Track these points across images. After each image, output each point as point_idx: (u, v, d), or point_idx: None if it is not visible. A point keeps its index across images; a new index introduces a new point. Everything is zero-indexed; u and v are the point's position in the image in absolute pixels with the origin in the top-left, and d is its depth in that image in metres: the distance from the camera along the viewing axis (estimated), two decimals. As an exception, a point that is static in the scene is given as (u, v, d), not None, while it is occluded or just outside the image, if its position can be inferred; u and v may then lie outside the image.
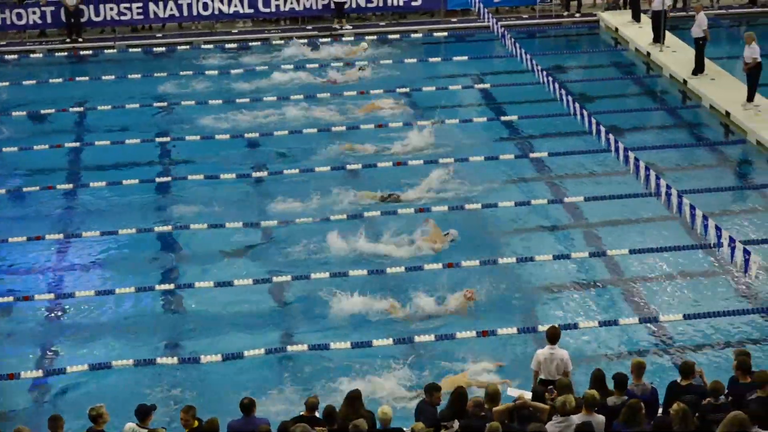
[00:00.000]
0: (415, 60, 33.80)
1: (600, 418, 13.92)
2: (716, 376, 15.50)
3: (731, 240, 18.15)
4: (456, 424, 14.14)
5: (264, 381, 18.32)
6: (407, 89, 31.22)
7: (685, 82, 30.99)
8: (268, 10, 36.96)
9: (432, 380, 16.55)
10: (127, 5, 36.24)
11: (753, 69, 28.18)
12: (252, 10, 36.91)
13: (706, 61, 31.36)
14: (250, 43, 35.76)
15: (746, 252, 17.70)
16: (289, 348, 19.32)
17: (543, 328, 19.46)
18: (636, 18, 35.77)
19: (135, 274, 22.04)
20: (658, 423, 13.60)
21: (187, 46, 35.76)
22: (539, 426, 13.57)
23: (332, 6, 37.00)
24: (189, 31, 37.00)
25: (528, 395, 14.75)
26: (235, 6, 36.72)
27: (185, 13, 36.65)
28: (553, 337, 16.32)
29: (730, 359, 16.90)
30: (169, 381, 18.52)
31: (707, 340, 19.21)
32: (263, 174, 26.19)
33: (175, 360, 19.03)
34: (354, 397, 14.74)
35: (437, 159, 26.51)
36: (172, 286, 21.55)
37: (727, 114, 28.59)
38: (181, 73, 33.02)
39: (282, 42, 35.56)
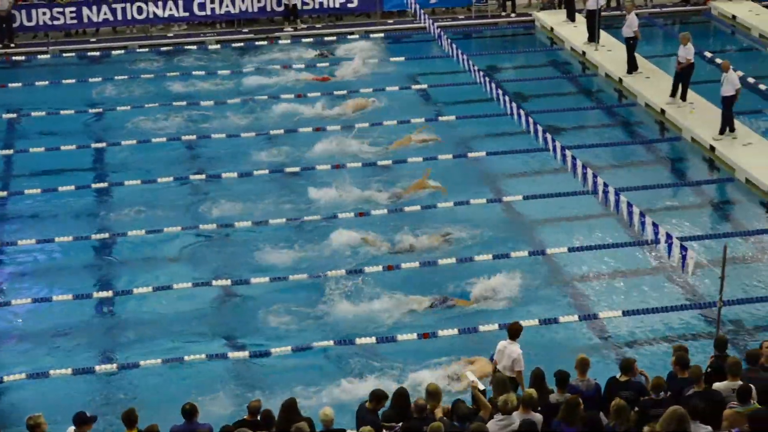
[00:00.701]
0: (351, 61, 33.71)
1: (538, 417, 13.94)
2: (656, 371, 15.62)
3: (668, 237, 18.28)
4: (399, 425, 14.11)
5: (206, 386, 18.19)
6: (344, 91, 31.16)
7: (620, 80, 31.23)
8: (203, 13, 36.71)
9: (374, 385, 16.56)
10: (60, 10, 35.83)
11: (685, 69, 28.46)
12: (187, 14, 36.64)
13: (642, 59, 31.66)
14: (186, 47, 35.57)
15: (683, 248, 17.82)
16: (231, 354, 19.22)
17: (484, 328, 19.61)
18: (571, 17, 36.00)
19: (72, 281, 21.80)
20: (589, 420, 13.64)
21: (122, 51, 35.42)
22: (481, 425, 13.56)
23: (284, 8, 36.90)
24: (123, 36, 36.65)
25: (481, 386, 14.73)
26: (170, 9, 36.42)
27: (119, 17, 36.30)
28: (510, 331, 16.59)
29: (669, 355, 17.04)
30: (108, 387, 18.39)
31: (646, 336, 19.36)
32: (201, 178, 26.03)
33: (114, 366, 18.88)
34: (289, 406, 14.62)
35: (376, 161, 26.52)
36: (110, 293, 21.34)
37: (663, 112, 28.85)
38: (117, 77, 32.71)
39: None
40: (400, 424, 14.18)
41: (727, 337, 16.09)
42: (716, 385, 14.37)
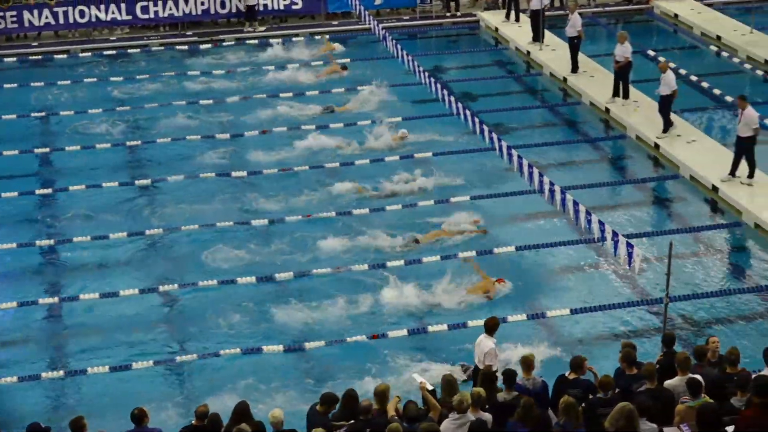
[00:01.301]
0: (297, 64, 33.66)
1: (488, 416, 13.96)
2: (605, 369, 15.70)
3: (614, 234, 18.37)
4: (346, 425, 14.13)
5: (154, 391, 18.12)
6: (290, 93, 31.07)
7: (564, 79, 31.40)
8: (146, 16, 36.45)
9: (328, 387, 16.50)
10: (1, 13, 35.41)
11: (623, 67, 28.67)
12: (130, 17, 36.36)
13: (586, 58, 31.85)
14: (129, 50, 35.32)
15: (629, 245, 17.91)
16: (179, 358, 19.10)
17: (433, 328, 19.61)
18: (509, 17, 36.26)
19: (17, 288, 21.56)
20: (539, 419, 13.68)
21: (65, 55, 35.09)
22: (432, 425, 13.56)
23: (245, 9, 36.76)
24: (66, 40, 36.28)
25: (430, 386, 14.73)
26: (113, 13, 36.13)
27: (61, 21, 35.95)
28: (486, 326, 16.68)
29: (616, 352, 17.14)
30: (55, 395, 18.23)
31: (595, 334, 19.45)
32: (146, 182, 25.84)
33: (61, 373, 18.70)
34: (241, 410, 14.55)
35: (323, 164, 26.48)
36: (56, 300, 21.12)
37: (607, 110, 29.03)
38: (59, 82, 32.42)
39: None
40: (351, 422, 14.19)
41: (674, 333, 16.20)
42: (667, 382, 14.44)
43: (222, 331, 19.95)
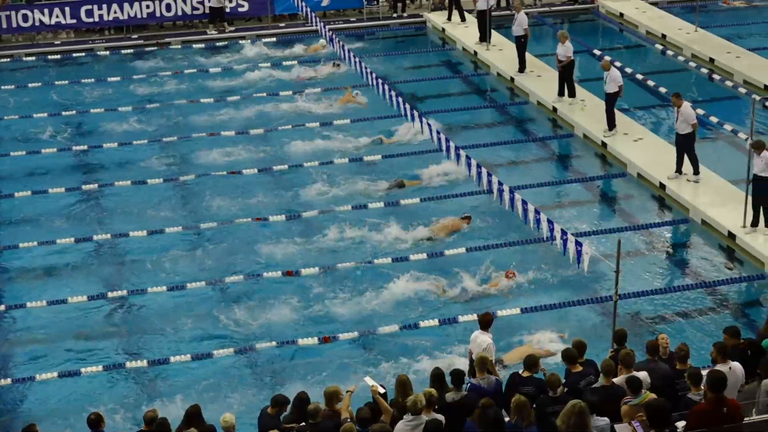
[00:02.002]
0: (244, 66, 33.54)
1: (441, 417, 13.94)
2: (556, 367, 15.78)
3: (563, 233, 18.45)
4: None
5: (105, 397, 18.03)
6: (238, 96, 30.96)
7: (512, 79, 31.51)
8: (91, 20, 36.12)
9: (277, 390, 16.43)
10: (-57, 19, 35.05)
11: (566, 66, 28.82)
12: (75, 21, 36.02)
13: (533, 58, 31.99)
14: (74, 54, 35.03)
15: (578, 244, 18.00)
16: (128, 363, 18.97)
17: (383, 330, 19.60)
18: (450, 18, 36.36)
19: (-36, 296, 21.36)
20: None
21: (8, 59, 34.70)
22: (384, 426, 13.54)
23: (209, 10, 36.60)
24: (9, 44, 35.87)
25: (381, 389, 14.71)
26: (57, 17, 35.78)
27: (4, 25, 35.50)
28: (481, 322, 16.90)
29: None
30: (3, 402, 18.07)
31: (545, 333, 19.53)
32: (93, 187, 25.62)
33: (8, 381, 18.52)
34: (192, 414, 14.45)
35: (271, 166, 26.40)
36: (2, 307, 20.88)
37: (554, 109, 29.17)
38: (3, 86, 32.08)
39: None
40: (302, 424, 14.15)
41: (625, 331, 16.29)
42: (616, 380, 14.52)
43: (173, 336, 19.85)
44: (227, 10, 36.84)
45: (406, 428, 13.76)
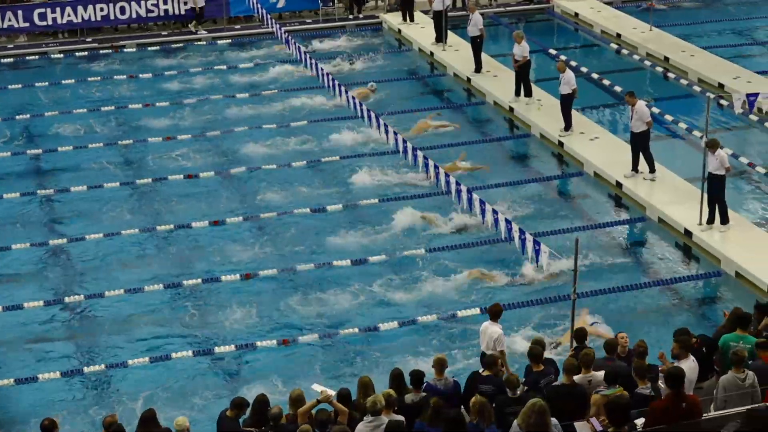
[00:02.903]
0: (200, 68, 33.41)
1: (400, 418, 13.93)
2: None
3: (522, 232, 18.48)
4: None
5: (61, 402, 17.90)
6: (194, 99, 30.83)
7: (468, 80, 31.56)
8: (44, 23, 35.81)
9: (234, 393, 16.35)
10: None
11: (522, 66, 28.92)
12: (28, 24, 35.69)
13: (489, 58, 32.06)
14: (27, 58, 34.73)
15: (536, 243, 18.05)
16: (86, 368, 18.82)
17: (344, 331, 19.55)
18: (405, 18, 36.45)
19: None
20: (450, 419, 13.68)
21: (-40, 63, 34.47)
22: (342, 427, 13.50)
23: (190, 10, 36.54)
24: (-38, 48, 35.60)
25: (332, 393, 14.67)
26: (10, 20, 35.42)
27: (-44, 29, 35.26)
28: (491, 313, 16.89)
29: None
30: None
31: (507, 332, 19.51)
32: (50, 192, 25.41)
33: (-37, 389, 18.38)
34: (147, 418, 14.35)
35: (229, 168, 26.31)
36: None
37: (511, 109, 29.24)
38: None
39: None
40: (262, 428, 14.07)
41: (585, 329, 16.35)
42: (576, 378, 14.56)
43: (131, 340, 19.73)
44: (182, 13, 36.68)
45: (366, 429, 13.73)
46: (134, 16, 36.51)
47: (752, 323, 16.35)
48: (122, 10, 36.26)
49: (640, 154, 24.49)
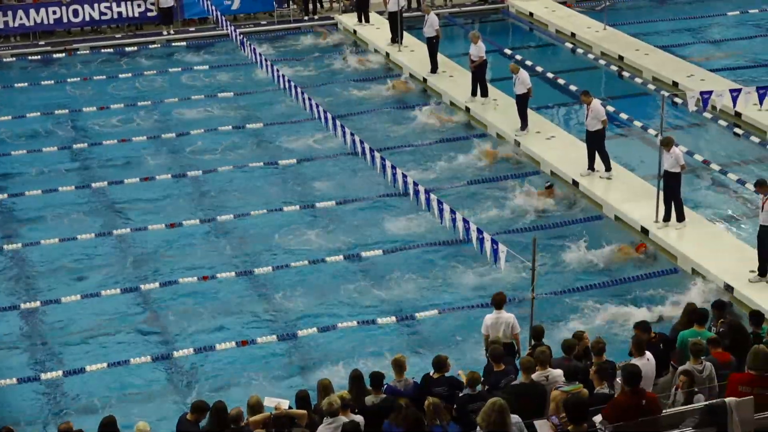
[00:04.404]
0: (155, 71, 33.23)
1: (359, 418, 13.93)
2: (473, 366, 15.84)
3: (479, 232, 18.50)
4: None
5: (21, 409, 17.91)
6: (148, 102, 30.67)
7: (424, 80, 31.58)
8: (-7, 26, 35.55)
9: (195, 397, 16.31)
10: None
11: (479, 66, 28.97)
12: (-20, 28, 35.42)
13: (445, 58, 32.10)
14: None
15: (494, 242, 18.06)
16: (43, 375, 18.69)
17: (303, 332, 19.53)
18: (360, 20, 36.47)
19: None
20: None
21: None
22: (301, 430, 13.46)
23: (157, 12, 36.34)
24: None
25: (285, 404, 14.60)
26: (-38, 24, 35.16)
27: None
28: (497, 302, 16.91)
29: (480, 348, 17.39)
30: None
31: (462, 333, 19.57)
32: (3, 197, 25.22)
33: None
34: (107, 424, 14.24)
35: (185, 172, 26.21)
36: None
37: (467, 109, 29.29)
38: None
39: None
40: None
41: (543, 327, 16.41)
42: (534, 375, 14.60)
43: (89, 345, 19.66)
44: (137, 15, 36.48)
45: (326, 431, 13.70)
46: (87, 19, 36.24)
47: (710, 321, 16.50)
48: (75, 14, 35.98)
49: (596, 153, 24.61)
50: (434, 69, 31.52)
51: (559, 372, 14.57)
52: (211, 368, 18.85)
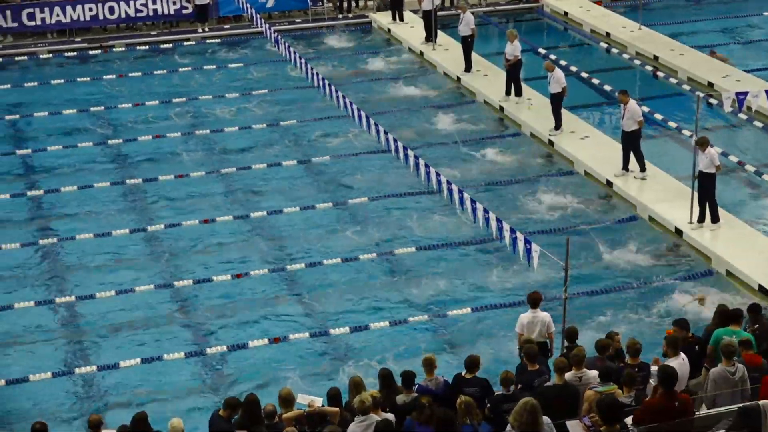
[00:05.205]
0: (189, 68, 33.37)
1: (391, 416, 13.94)
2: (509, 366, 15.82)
3: (512, 231, 18.46)
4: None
5: (53, 404, 17.94)
6: (183, 98, 30.80)
7: (458, 79, 31.54)
8: (33, 23, 35.70)
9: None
10: None
11: (514, 65, 28.91)
12: (16, 24, 35.57)
13: (479, 57, 32.05)
14: (16, 58, 34.62)
15: (527, 242, 18.01)
16: (77, 370, 18.82)
17: (335, 331, 19.57)
18: (395, 18, 36.45)
19: None
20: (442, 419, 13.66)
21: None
22: (334, 428, 13.50)
23: (193, 9, 36.52)
24: (-50, 48, 35.45)
25: (318, 401, 14.64)
26: (-2, 20, 35.40)
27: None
28: (534, 301, 16.98)
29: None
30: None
31: (489, 332, 19.55)
32: (39, 192, 25.41)
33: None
34: (139, 420, 14.33)
35: (219, 169, 26.31)
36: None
37: (501, 108, 29.24)
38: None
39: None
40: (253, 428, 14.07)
41: (576, 328, 16.36)
42: (566, 376, 14.57)
43: (121, 340, 19.76)
44: (172, 12, 36.63)
45: (358, 429, 13.72)
46: (123, 16, 36.42)
47: (745, 323, 16.40)
48: (111, 10, 36.17)
49: (631, 153, 24.52)
50: (468, 68, 31.48)
51: (594, 373, 14.54)
52: (244, 365, 18.93)
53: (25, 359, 19.27)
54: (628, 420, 13.30)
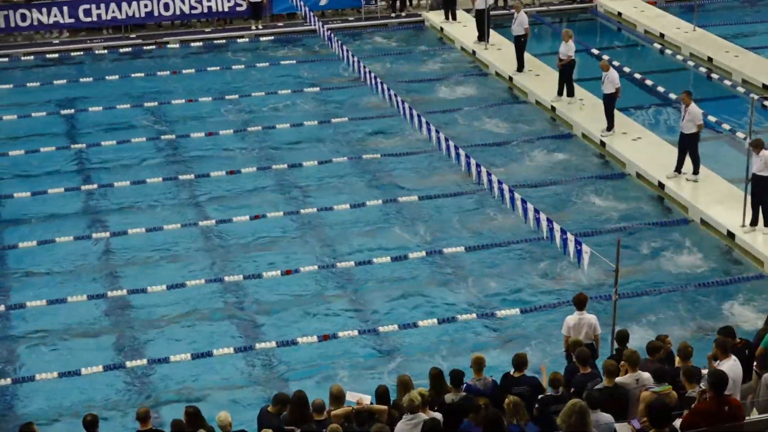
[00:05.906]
0: (242, 66, 33.54)
1: (439, 415, 13.94)
2: (555, 367, 15.77)
3: (563, 232, 18.41)
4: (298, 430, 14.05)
5: (104, 397, 18.15)
6: (236, 95, 30.97)
7: (510, 78, 31.48)
8: (89, 19, 36.04)
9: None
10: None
11: (566, 65, 28.80)
12: (73, 20, 35.94)
13: (531, 57, 31.96)
14: (72, 54, 34.96)
15: (578, 243, 17.96)
16: (128, 363, 19.01)
17: (384, 328, 19.60)
18: (447, 17, 36.38)
19: None
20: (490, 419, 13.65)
21: (6, 59, 34.61)
22: (381, 426, 13.52)
23: (247, 7, 36.70)
24: (8, 43, 35.76)
25: (367, 399, 14.67)
26: (55, 16, 35.69)
27: (2, 25, 35.41)
28: (579, 303, 16.94)
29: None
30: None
31: (544, 332, 19.51)
32: (93, 187, 25.68)
33: (8, 381, 18.54)
34: (192, 414, 14.43)
35: (270, 165, 26.42)
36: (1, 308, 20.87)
37: (553, 108, 29.16)
38: (1, 86, 32.02)
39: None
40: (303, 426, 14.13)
41: (627, 331, 16.27)
42: (618, 379, 14.48)
43: (172, 335, 19.99)
44: (226, 10, 36.84)
45: (406, 427, 13.73)
46: (178, 12, 36.67)
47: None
48: (166, 7, 36.43)
49: (687, 156, 24.33)
50: (521, 68, 31.40)
51: (648, 375, 14.45)
52: (293, 361, 19.00)
53: (77, 352, 19.48)
54: (677, 423, 13.23)
